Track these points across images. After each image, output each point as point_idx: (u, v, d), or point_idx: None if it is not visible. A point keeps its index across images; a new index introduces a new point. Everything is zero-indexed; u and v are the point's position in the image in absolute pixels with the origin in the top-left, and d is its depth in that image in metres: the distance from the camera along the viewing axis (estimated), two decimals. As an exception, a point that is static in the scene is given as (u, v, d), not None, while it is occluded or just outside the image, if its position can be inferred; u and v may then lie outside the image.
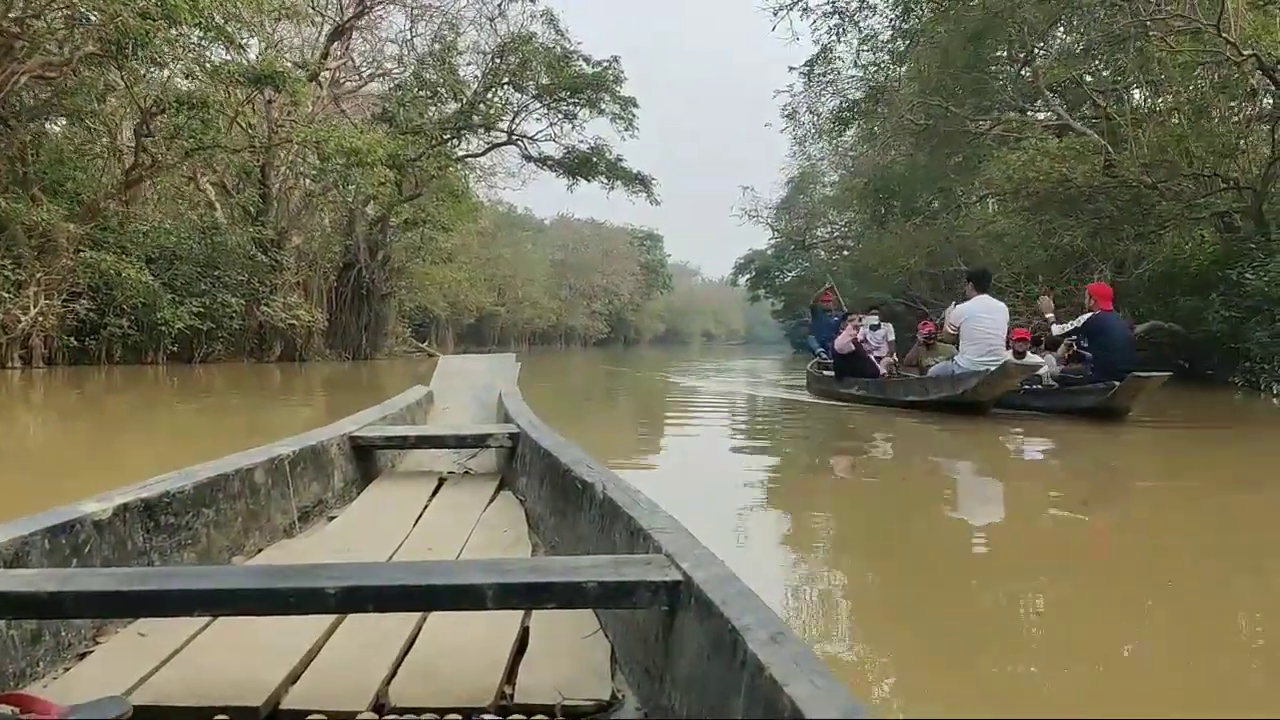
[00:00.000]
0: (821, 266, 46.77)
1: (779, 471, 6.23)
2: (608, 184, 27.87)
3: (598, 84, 26.13)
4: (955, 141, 23.78)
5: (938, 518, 4.67)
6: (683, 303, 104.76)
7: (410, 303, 37.68)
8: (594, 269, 71.96)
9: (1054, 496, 5.30)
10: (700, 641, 1.26)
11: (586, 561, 1.51)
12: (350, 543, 2.57)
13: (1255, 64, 17.64)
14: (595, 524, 2.09)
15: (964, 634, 2.69)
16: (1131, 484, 6.07)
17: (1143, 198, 18.84)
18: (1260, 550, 3.86)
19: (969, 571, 3.47)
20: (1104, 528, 4.36)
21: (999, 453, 7.46)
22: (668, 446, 7.96)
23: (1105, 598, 3.11)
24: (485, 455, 3.82)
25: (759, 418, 10.97)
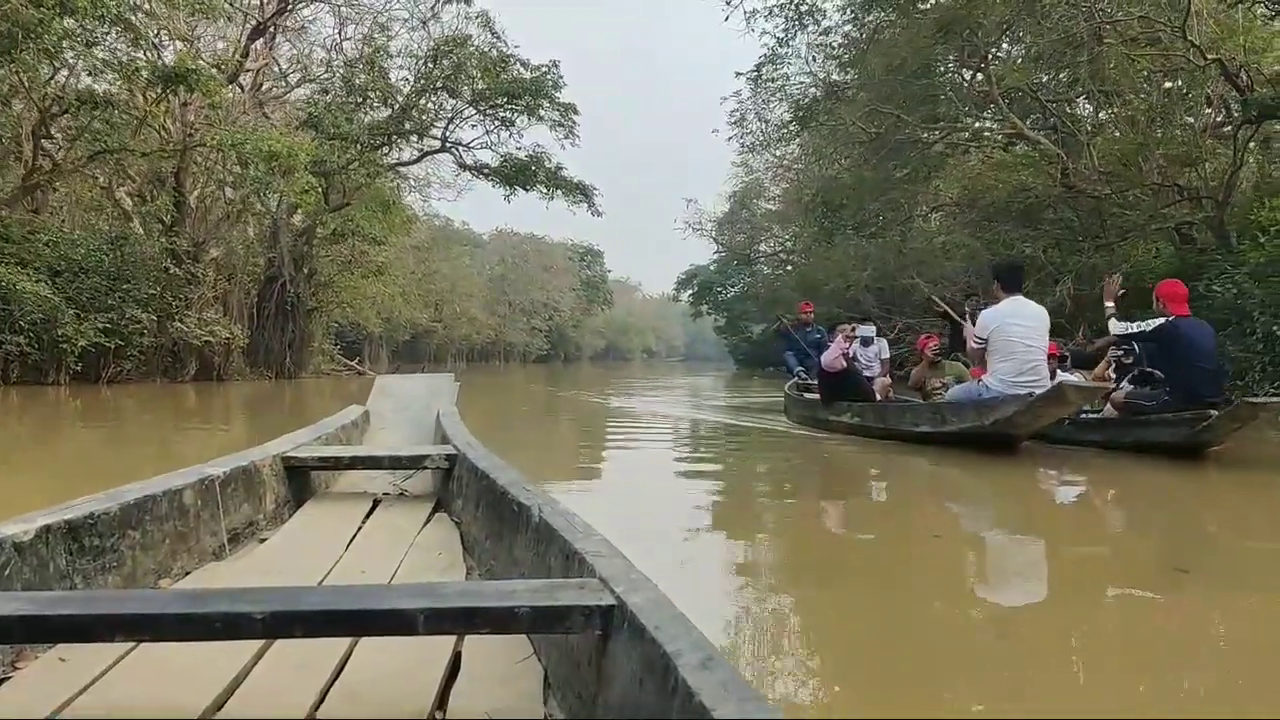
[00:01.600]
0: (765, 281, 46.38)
1: (750, 534, 4.72)
2: (547, 194, 26.63)
3: (536, 89, 24.98)
4: (905, 151, 23.08)
5: (968, 598, 3.49)
6: (623, 319, 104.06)
7: (342, 318, 36.32)
8: (533, 284, 70.80)
9: (1135, 563, 4.05)
10: (632, 666, 1.26)
11: (519, 586, 1.49)
12: (281, 565, 2.54)
13: (1218, 69, 17.14)
14: (531, 547, 2.08)
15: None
16: (1242, 545, 4.57)
17: (1102, 208, 18.23)
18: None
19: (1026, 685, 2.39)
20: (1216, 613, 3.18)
21: (1044, 502, 5.94)
22: (618, 507, 5.50)
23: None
24: (421, 477, 3.77)
25: (729, 452, 9.05)
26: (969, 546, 4.50)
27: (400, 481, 3.80)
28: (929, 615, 3.08)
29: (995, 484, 6.53)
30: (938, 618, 3.05)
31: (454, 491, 3.27)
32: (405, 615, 1.38)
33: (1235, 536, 4.87)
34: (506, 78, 24.98)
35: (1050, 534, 4.84)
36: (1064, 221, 18.58)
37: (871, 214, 24.79)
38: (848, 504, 5.81)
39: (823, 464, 7.77)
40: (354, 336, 43.40)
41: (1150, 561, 4.11)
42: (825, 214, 26.54)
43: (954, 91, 23.21)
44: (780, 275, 42.64)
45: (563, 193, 26.67)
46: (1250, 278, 15.73)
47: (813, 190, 26.35)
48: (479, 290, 61.95)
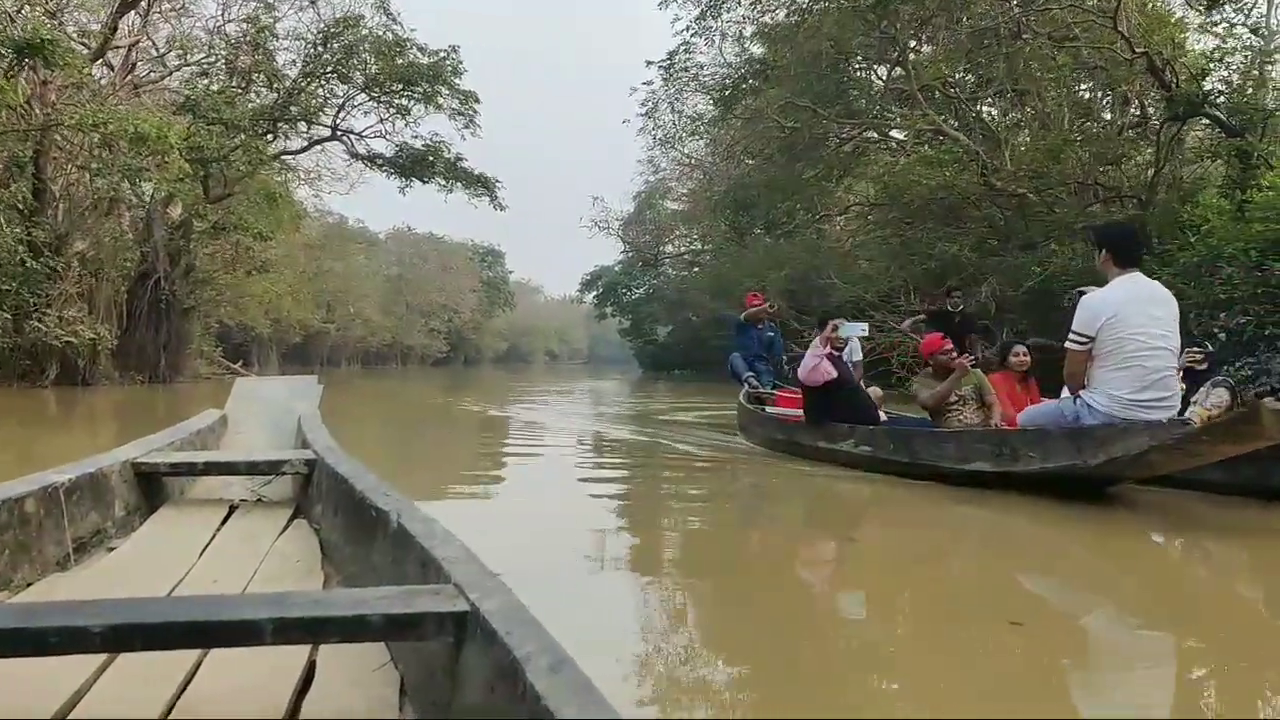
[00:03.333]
0: (671, 283, 45.48)
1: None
2: (446, 185, 25.12)
3: (434, 75, 23.51)
4: (821, 147, 22.31)
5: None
6: (525, 321, 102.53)
7: (228, 319, 34.42)
8: (432, 285, 68.87)
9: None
10: (485, 672, 1.27)
11: (372, 593, 1.46)
12: (129, 576, 2.41)
13: (1145, 64, 16.64)
14: (389, 553, 2.01)
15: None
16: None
17: (1025, 207, 17.61)
18: None
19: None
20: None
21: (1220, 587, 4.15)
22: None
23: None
24: (280, 482, 3.58)
25: (699, 506, 6.26)
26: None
27: (258, 487, 3.61)
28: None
29: (1124, 560, 4.45)
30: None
31: (313, 497, 3.18)
32: (253, 626, 1.33)
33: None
34: (402, 62, 23.50)
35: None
36: (988, 220, 17.88)
37: (783, 213, 23.98)
38: (898, 592, 3.90)
39: (826, 509, 6.23)
40: (241, 338, 41.60)
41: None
42: (736, 213, 25.66)
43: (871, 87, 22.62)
44: (688, 277, 41.75)
45: (463, 185, 25.23)
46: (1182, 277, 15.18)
47: (723, 188, 25.36)
48: (375, 291, 60.02)
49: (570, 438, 11.32)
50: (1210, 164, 18.31)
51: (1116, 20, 15.47)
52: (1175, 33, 16.42)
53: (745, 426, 9.54)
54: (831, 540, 5.14)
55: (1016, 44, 17.86)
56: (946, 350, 7.17)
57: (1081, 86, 19.00)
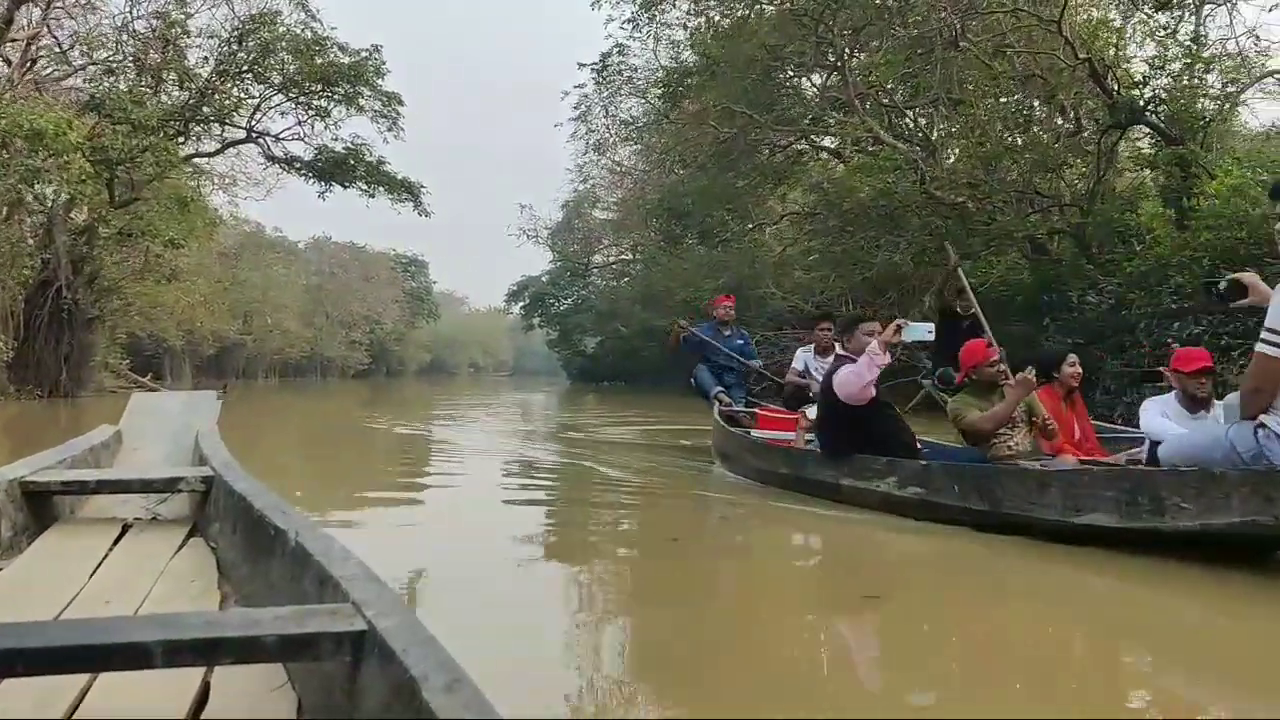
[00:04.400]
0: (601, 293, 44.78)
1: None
2: (368, 190, 24.09)
3: (356, 75, 22.51)
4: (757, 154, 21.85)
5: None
6: (450, 332, 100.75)
7: (138, 330, 32.91)
8: (354, 295, 67.17)
9: None
10: (382, 691, 1.25)
11: (268, 613, 1.43)
12: (16, 598, 2.34)
13: (1087, 70, 16.39)
14: (287, 572, 1.96)
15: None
16: None
17: (967, 217, 17.28)
18: None
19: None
20: None
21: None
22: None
23: None
24: (177, 500, 3.46)
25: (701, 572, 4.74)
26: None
27: (153, 506, 3.51)
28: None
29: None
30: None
31: (210, 515, 3.14)
32: (143, 648, 1.29)
33: None
34: (322, 62, 22.44)
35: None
36: (930, 228, 17.50)
37: (718, 221, 23.45)
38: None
39: (871, 574, 4.66)
40: (152, 350, 39.91)
41: None
42: (670, 221, 25.08)
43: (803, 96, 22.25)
44: (617, 287, 41.10)
45: (386, 190, 24.20)
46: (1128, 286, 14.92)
47: (655, 196, 24.74)
48: (293, 301, 58.23)
49: (496, 463, 9.90)
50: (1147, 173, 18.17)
51: (1061, 25, 15.18)
52: (1117, 38, 16.20)
53: (727, 454, 7.99)
54: (888, 619, 3.75)
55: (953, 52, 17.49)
56: (993, 362, 5.86)
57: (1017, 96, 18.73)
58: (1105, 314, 14.99)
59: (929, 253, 17.66)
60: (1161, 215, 15.03)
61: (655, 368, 38.81)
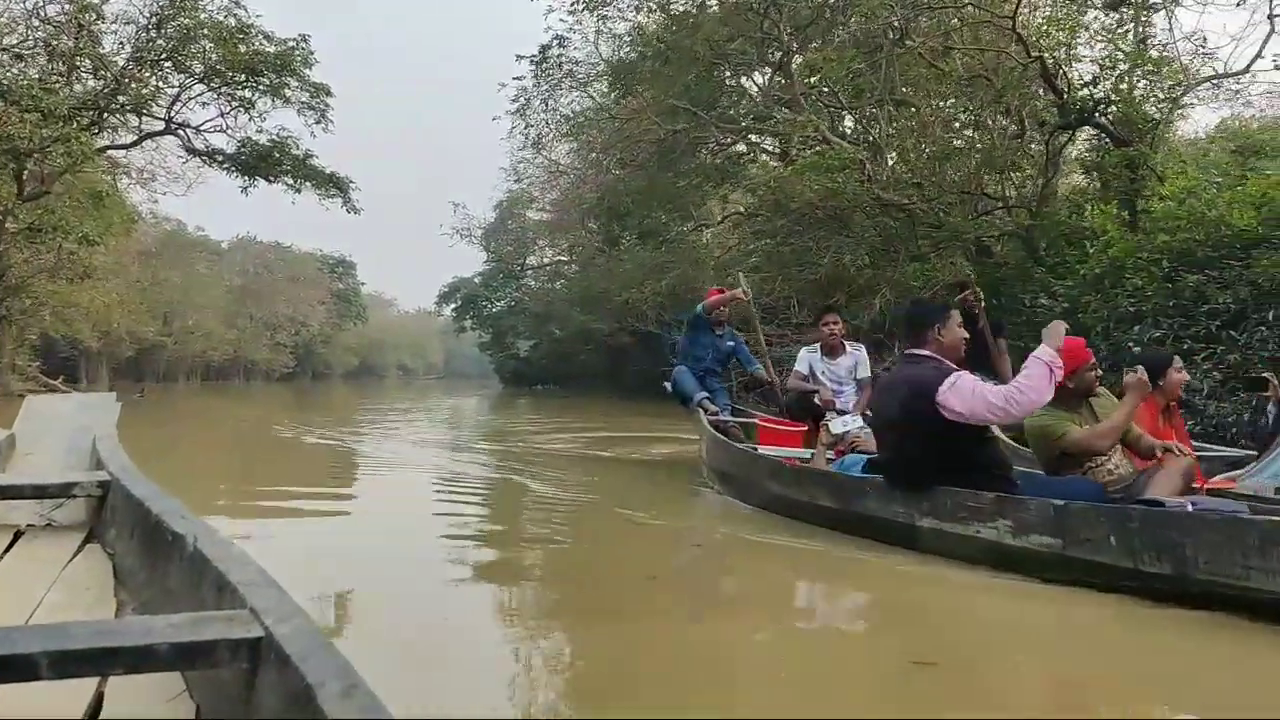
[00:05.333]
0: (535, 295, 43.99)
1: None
2: (294, 185, 23.09)
3: (282, 65, 21.54)
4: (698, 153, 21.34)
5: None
6: (378, 335, 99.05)
7: (51, 331, 31.49)
8: (279, 297, 65.56)
9: None
10: (279, 698, 1.24)
11: (161, 621, 1.39)
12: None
13: (1039, 69, 16.14)
14: (186, 578, 1.92)
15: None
16: None
17: (916, 217, 16.92)
18: None
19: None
20: None
21: None
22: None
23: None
24: (72, 506, 3.29)
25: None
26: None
27: (47, 511, 3.29)
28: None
29: None
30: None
31: (107, 521, 3.01)
32: (27, 660, 1.25)
33: None
34: (245, 50, 21.43)
35: None
36: (879, 228, 17.10)
37: (659, 221, 22.91)
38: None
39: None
40: (68, 352, 38.37)
41: None
42: (610, 221, 24.45)
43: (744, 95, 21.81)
44: (553, 289, 40.34)
45: (313, 185, 23.26)
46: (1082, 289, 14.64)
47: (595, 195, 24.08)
48: (216, 302, 56.64)
49: (425, 479, 8.53)
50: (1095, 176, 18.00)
51: (1015, 22, 14.87)
52: (1069, 37, 15.95)
53: (729, 475, 6.54)
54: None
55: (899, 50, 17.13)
56: (1091, 365, 4.85)
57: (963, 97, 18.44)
58: (1059, 318, 14.62)
59: (878, 254, 17.28)
60: (1113, 217, 14.78)
61: (591, 371, 38.23)
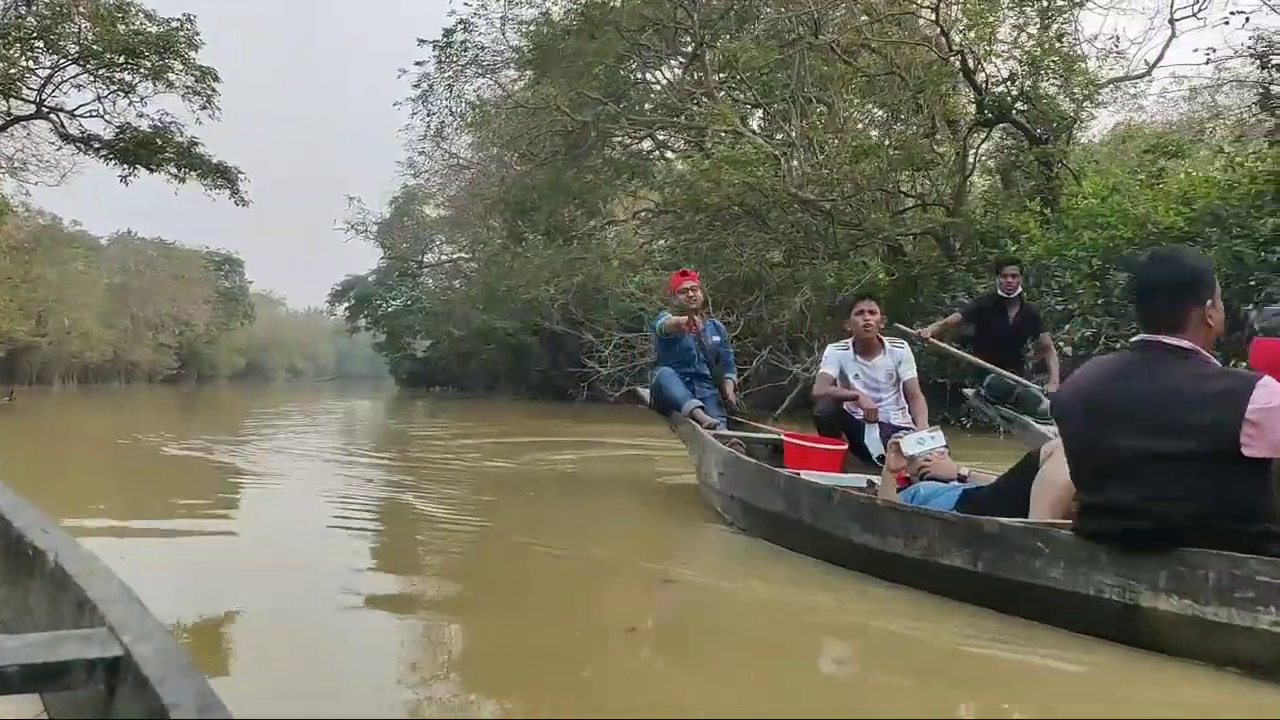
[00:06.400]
0: (433, 294, 42.85)
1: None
2: (178, 175, 21.70)
3: (165, 46, 20.21)
4: (606, 146, 20.76)
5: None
6: (266, 335, 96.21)
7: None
8: (162, 295, 62.90)
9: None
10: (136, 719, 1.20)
11: (16, 640, 1.32)
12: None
13: (959, 64, 15.96)
14: (46, 595, 1.78)
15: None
16: None
17: (836, 215, 16.60)
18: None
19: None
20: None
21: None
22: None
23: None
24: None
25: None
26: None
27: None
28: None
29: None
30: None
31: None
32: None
33: None
34: (125, 30, 20.04)
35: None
36: (799, 225, 16.72)
37: (567, 217, 22.22)
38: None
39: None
40: (-72, 353, 36.11)
41: None
42: (514, 217, 23.66)
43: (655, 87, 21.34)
44: (452, 287, 39.28)
45: (199, 175, 21.85)
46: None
47: (499, 190, 23.26)
48: (95, 301, 54.05)
49: (320, 496, 6.90)
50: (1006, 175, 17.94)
51: (938, 14, 14.61)
52: (989, 31, 15.81)
53: (757, 507, 4.81)
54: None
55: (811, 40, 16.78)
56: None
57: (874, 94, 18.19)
58: (981, 315, 14.50)
59: (800, 251, 16.90)
60: (1035, 215, 14.65)
61: (492, 372, 37.30)
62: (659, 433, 8.28)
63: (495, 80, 21.45)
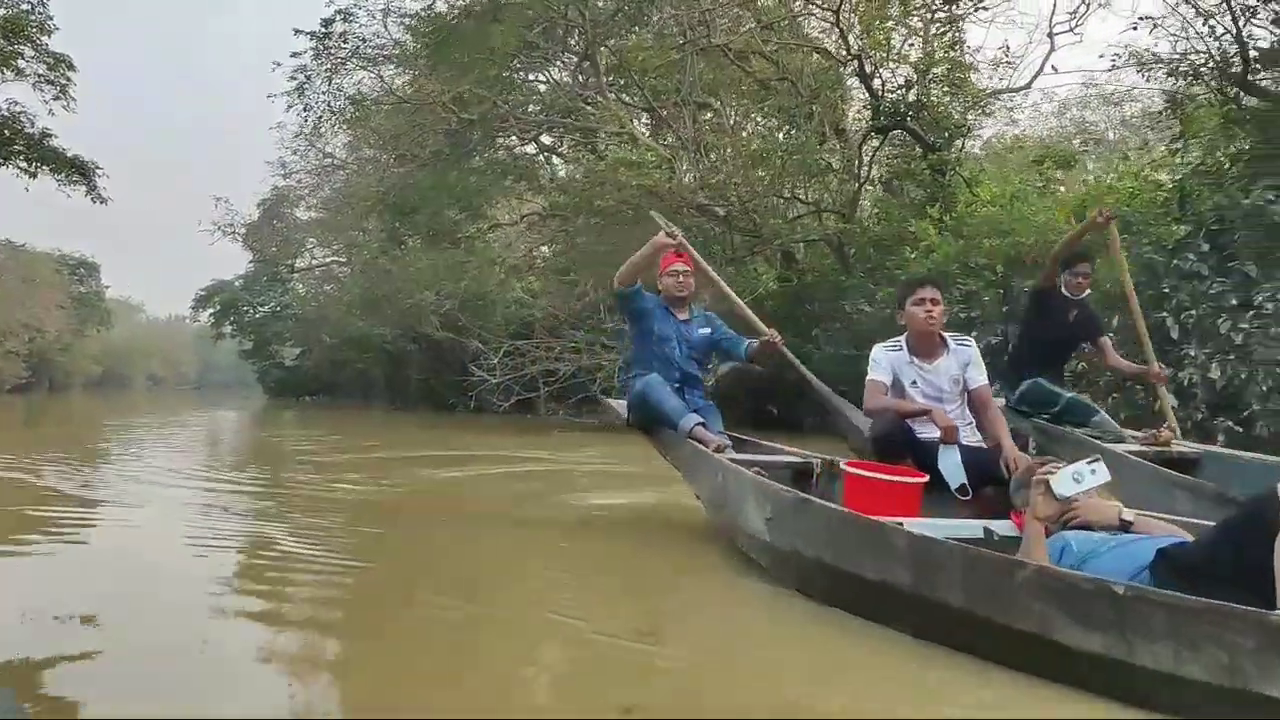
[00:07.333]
0: (303, 300, 41.26)
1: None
2: (29, 169, 20.11)
3: (13, 31, 18.72)
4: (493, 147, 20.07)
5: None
6: (124, 342, 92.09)
7: None
8: (10, 300, 59.38)
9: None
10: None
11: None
12: None
13: (855, 68, 15.81)
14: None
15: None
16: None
17: (733, 220, 16.29)
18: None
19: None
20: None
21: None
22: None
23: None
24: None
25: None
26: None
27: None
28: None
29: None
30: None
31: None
32: None
33: None
34: (-34, 11, 18.54)
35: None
36: (697, 230, 16.34)
37: (449, 220, 21.37)
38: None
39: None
40: None
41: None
42: (394, 219, 22.70)
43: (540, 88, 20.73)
44: (324, 293, 37.80)
45: (51, 170, 20.31)
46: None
47: (377, 192, 22.26)
48: (-67, 306, 50.81)
49: (176, 522, 5.96)
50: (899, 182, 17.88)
51: (839, 15, 14.38)
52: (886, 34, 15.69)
53: (842, 577, 3.61)
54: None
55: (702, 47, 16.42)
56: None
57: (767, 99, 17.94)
58: (881, 324, 14.28)
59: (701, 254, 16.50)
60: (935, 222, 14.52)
61: (368, 381, 36.04)
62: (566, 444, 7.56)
63: (378, 73, 20.46)
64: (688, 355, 5.49)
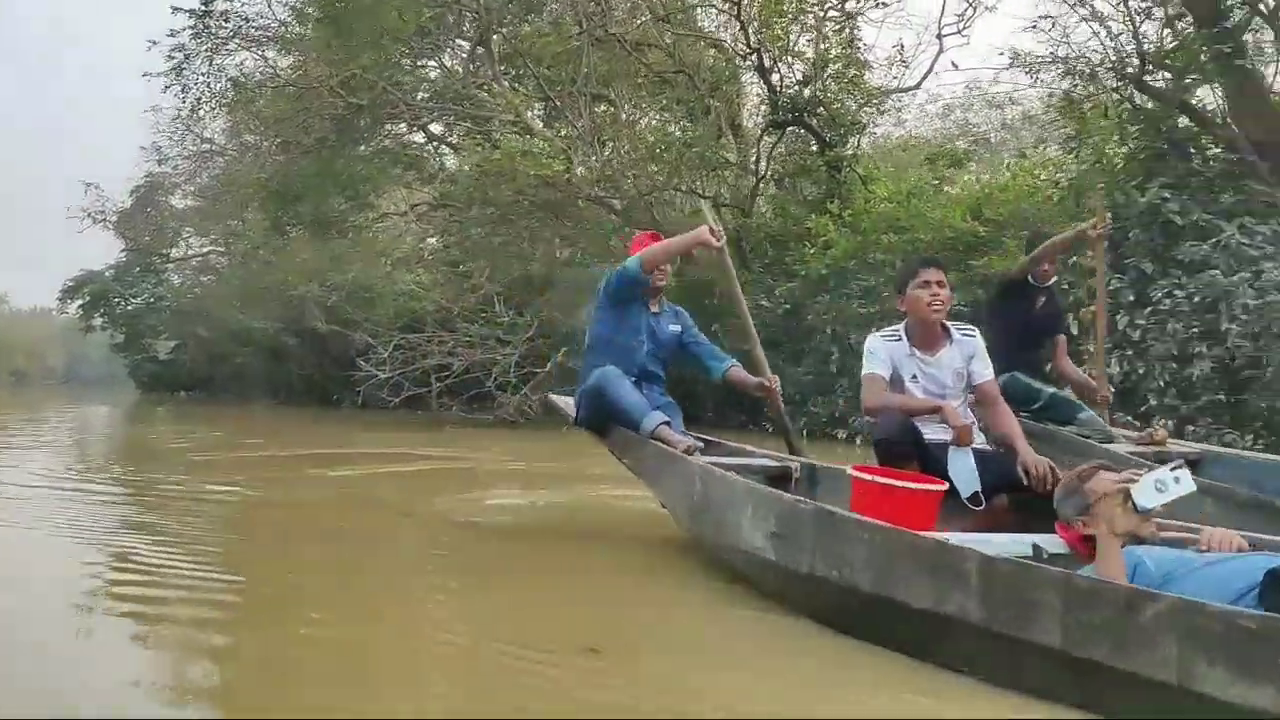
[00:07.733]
0: (179, 292, 39.73)
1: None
2: None
3: None
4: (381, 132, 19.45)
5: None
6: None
7: None
8: None
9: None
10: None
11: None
12: None
13: (754, 63, 15.68)
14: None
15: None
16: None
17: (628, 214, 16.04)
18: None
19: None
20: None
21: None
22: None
23: None
24: None
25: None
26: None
27: None
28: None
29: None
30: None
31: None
32: None
33: None
34: None
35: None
36: (595, 223, 16.05)
37: (335, 209, 20.63)
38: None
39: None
40: None
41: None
42: (276, 208, 21.82)
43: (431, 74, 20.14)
44: (201, 284, 36.36)
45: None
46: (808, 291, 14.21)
47: (259, 179, 21.33)
48: None
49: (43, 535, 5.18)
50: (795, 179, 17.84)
51: (740, 8, 14.21)
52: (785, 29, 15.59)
53: (878, 603, 3.07)
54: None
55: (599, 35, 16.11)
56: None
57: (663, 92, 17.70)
58: (781, 319, 14.22)
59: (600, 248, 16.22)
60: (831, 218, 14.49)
61: (247, 376, 34.73)
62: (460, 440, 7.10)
63: (261, 54, 19.57)
64: (651, 350, 5.01)
